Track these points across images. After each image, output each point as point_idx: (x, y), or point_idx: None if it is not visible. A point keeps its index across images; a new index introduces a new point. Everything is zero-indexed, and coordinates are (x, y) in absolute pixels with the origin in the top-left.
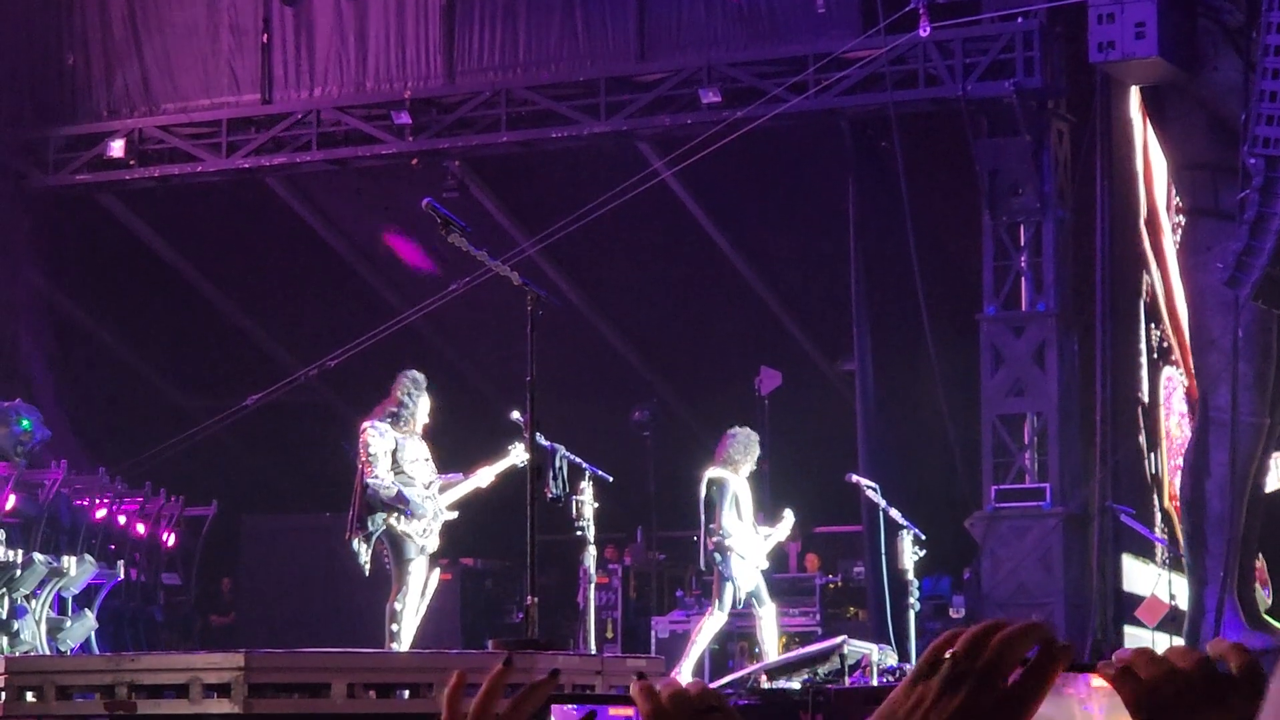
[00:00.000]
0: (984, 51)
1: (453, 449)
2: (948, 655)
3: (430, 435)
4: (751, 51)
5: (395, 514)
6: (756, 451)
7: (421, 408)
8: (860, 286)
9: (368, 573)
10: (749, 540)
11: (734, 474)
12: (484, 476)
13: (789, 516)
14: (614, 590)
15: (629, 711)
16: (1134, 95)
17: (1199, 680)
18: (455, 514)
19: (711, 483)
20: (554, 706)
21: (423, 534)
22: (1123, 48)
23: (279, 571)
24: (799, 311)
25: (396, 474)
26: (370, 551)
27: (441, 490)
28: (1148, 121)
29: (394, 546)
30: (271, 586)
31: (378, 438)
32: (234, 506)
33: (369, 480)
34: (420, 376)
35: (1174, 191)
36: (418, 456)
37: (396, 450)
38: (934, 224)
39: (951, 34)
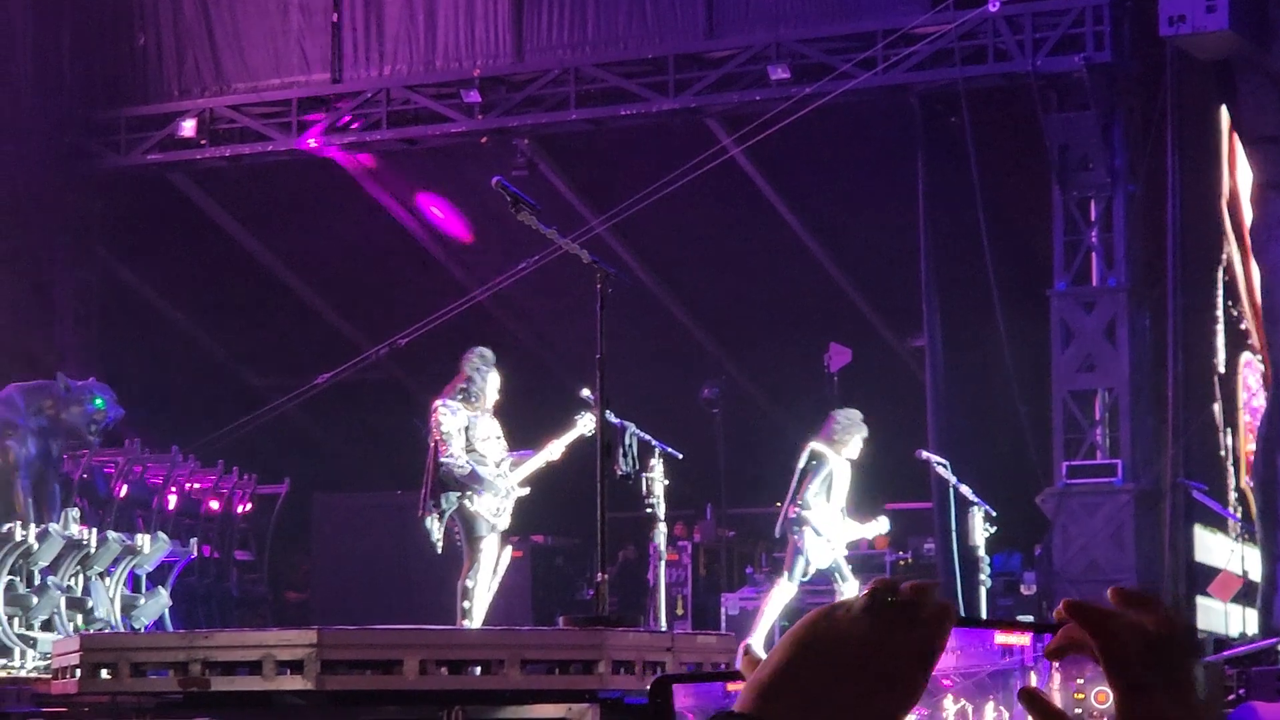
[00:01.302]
0: (1053, 26)
1: (523, 426)
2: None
3: (500, 413)
4: (820, 28)
5: (468, 492)
6: (859, 434)
7: (491, 384)
8: (930, 262)
9: (440, 550)
10: (830, 520)
11: (836, 453)
12: (554, 450)
13: (883, 522)
14: (684, 567)
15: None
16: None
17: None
18: (527, 490)
19: (812, 455)
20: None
21: (495, 512)
22: (1193, 21)
23: (351, 549)
24: (868, 288)
25: (469, 452)
26: (442, 529)
27: (513, 467)
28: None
29: (466, 524)
30: (343, 564)
31: (449, 416)
32: (306, 484)
33: (442, 459)
34: (488, 353)
35: None
36: (489, 434)
37: (469, 428)
38: (1004, 199)
39: (1021, 8)
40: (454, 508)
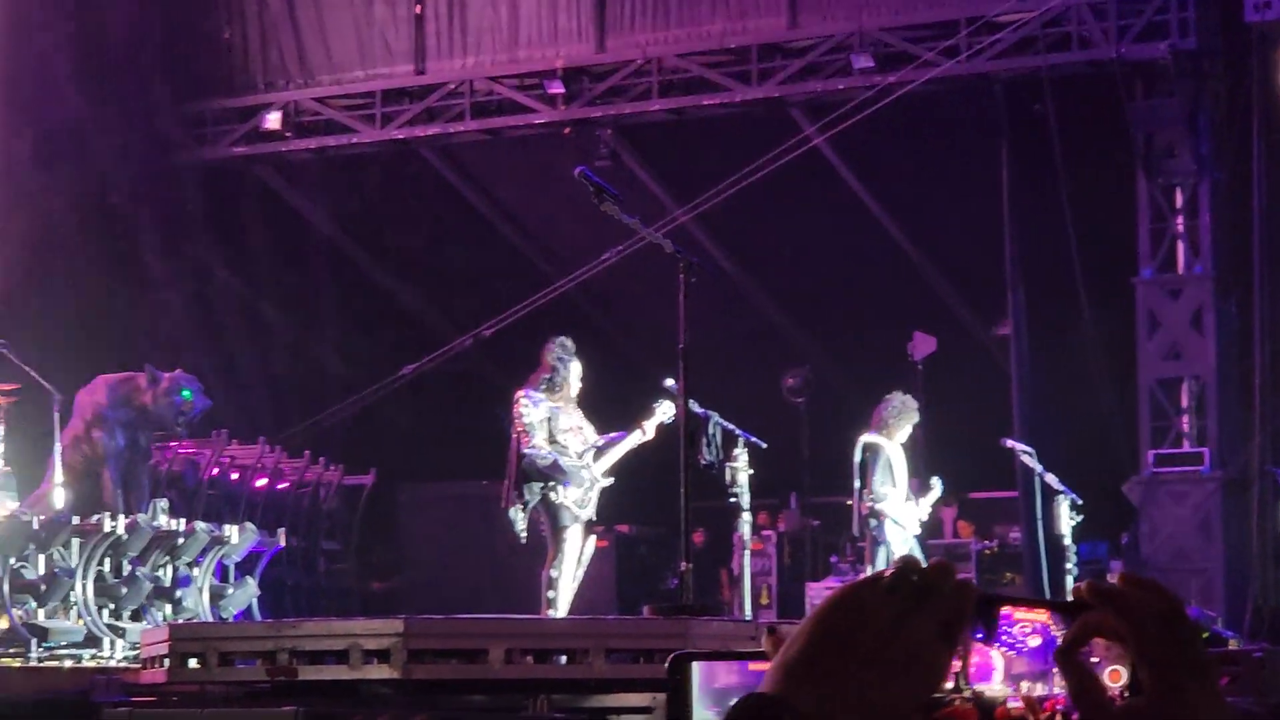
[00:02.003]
0: (1138, 13)
1: (607, 417)
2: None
3: (583, 403)
4: (903, 16)
5: (551, 483)
6: (913, 417)
7: (573, 373)
8: (1015, 251)
9: (524, 541)
10: (902, 506)
11: (889, 439)
12: (646, 428)
13: (937, 484)
14: (768, 556)
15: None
16: None
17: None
18: (611, 480)
19: (866, 447)
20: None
21: (580, 503)
22: (1279, 7)
23: (436, 539)
24: (953, 276)
25: (551, 443)
26: (527, 520)
27: (604, 449)
28: None
29: (550, 515)
30: (429, 554)
31: (532, 407)
32: (392, 475)
33: (525, 450)
34: (569, 343)
35: None
36: (571, 425)
37: (551, 419)
38: (1088, 187)
39: None
40: (538, 498)
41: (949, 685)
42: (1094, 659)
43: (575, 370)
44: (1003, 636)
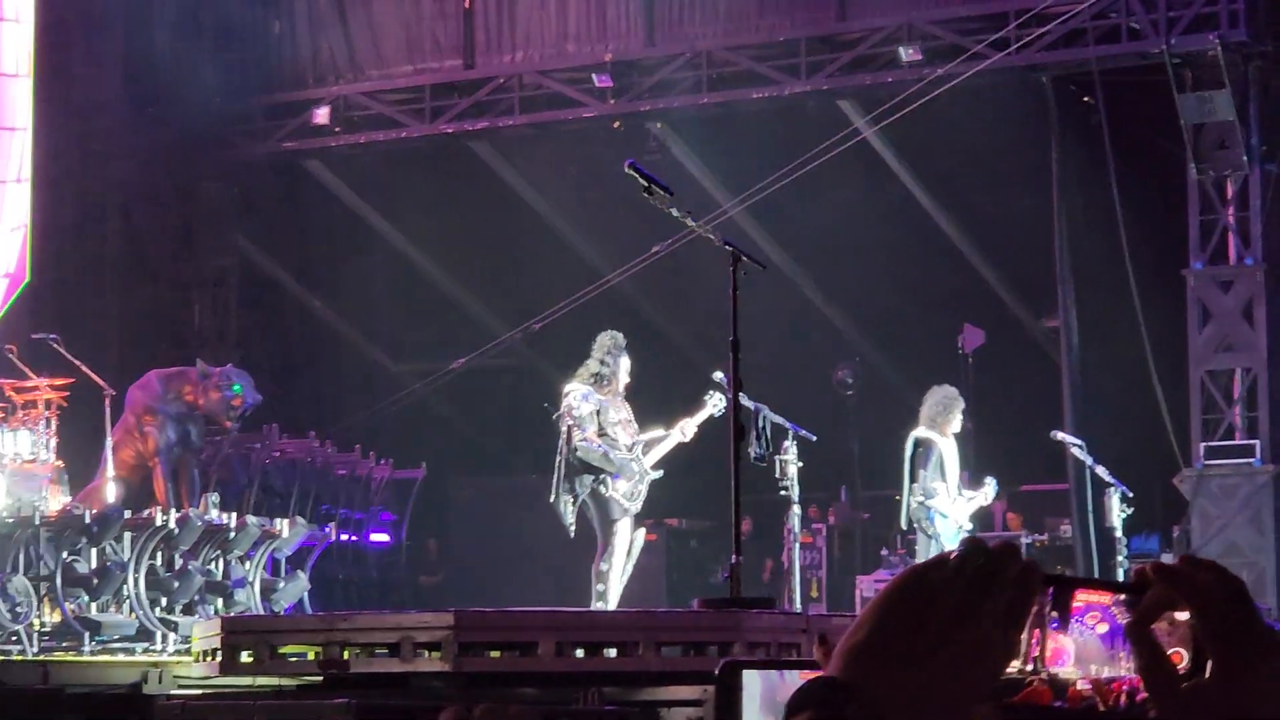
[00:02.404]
0: (1187, 4)
1: (655, 409)
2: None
3: (632, 396)
4: (952, 8)
5: (601, 476)
6: (959, 410)
7: (622, 368)
8: (1064, 243)
9: (573, 534)
10: (951, 500)
11: (940, 435)
12: (686, 429)
13: (991, 484)
14: (818, 549)
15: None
16: None
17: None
18: (660, 474)
19: (918, 443)
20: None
21: (629, 496)
22: None
23: (486, 532)
24: (1002, 268)
25: (600, 436)
26: (575, 513)
27: (645, 448)
28: None
29: (599, 508)
30: (478, 547)
31: (582, 401)
32: (442, 469)
33: (575, 443)
34: (619, 337)
35: None
36: (620, 419)
37: (600, 413)
38: (1138, 178)
39: None
40: (587, 491)
41: (1028, 668)
42: None
43: (625, 365)
44: (1074, 623)
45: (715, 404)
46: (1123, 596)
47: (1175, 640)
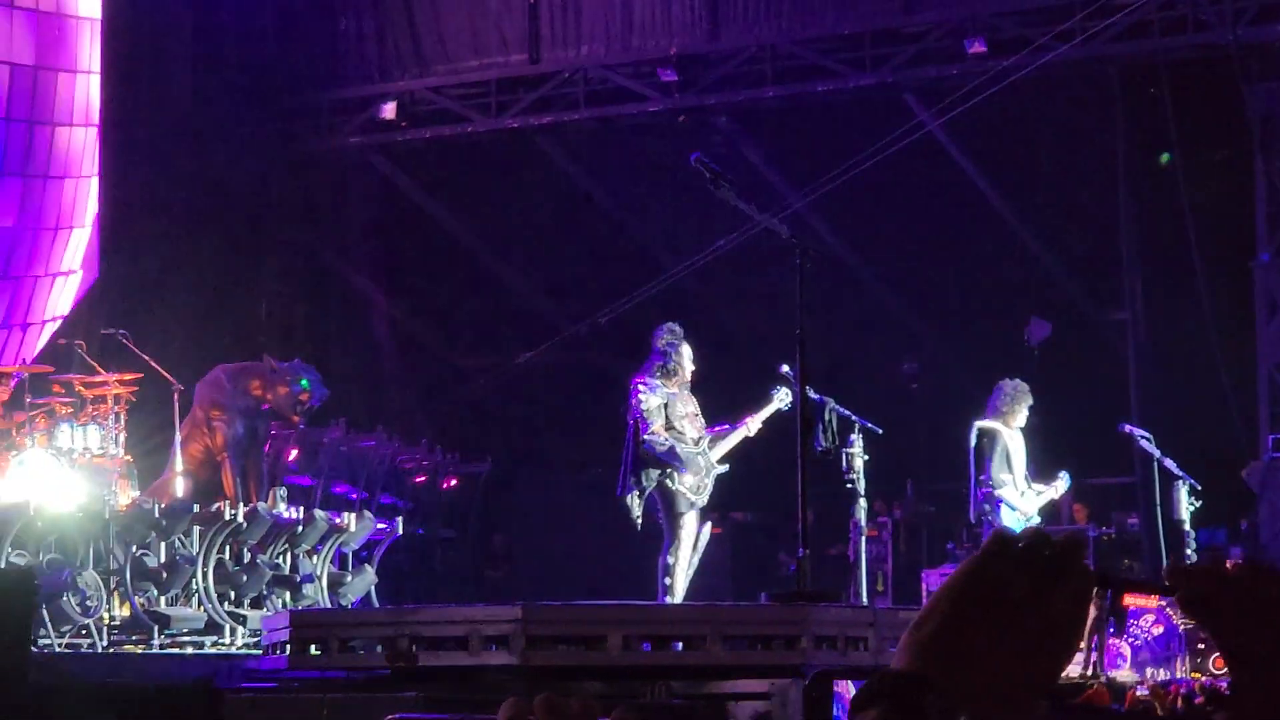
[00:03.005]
0: None
1: (722, 403)
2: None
3: (698, 389)
4: (1017, 1)
5: (668, 470)
6: (1027, 403)
7: (685, 357)
8: (1131, 234)
9: (639, 528)
10: (1020, 493)
11: (1005, 426)
12: (751, 425)
13: (1064, 478)
14: (884, 543)
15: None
16: None
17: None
18: (727, 467)
19: (982, 434)
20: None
21: (696, 489)
22: None
23: (551, 526)
24: (1068, 261)
25: (668, 430)
26: (642, 506)
27: (711, 443)
28: None
29: (667, 502)
30: (545, 541)
31: (649, 394)
32: (508, 462)
33: (642, 436)
34: (677, 327)
35: None
36: (687, 412)
37: (668, 406)
38: (1205, 170)
39: None
40: (654, 485)
41: (1087, 672)
42: (1199, 645)
43: (687, 353)
44: (1131, 628)
45: (781, 398)
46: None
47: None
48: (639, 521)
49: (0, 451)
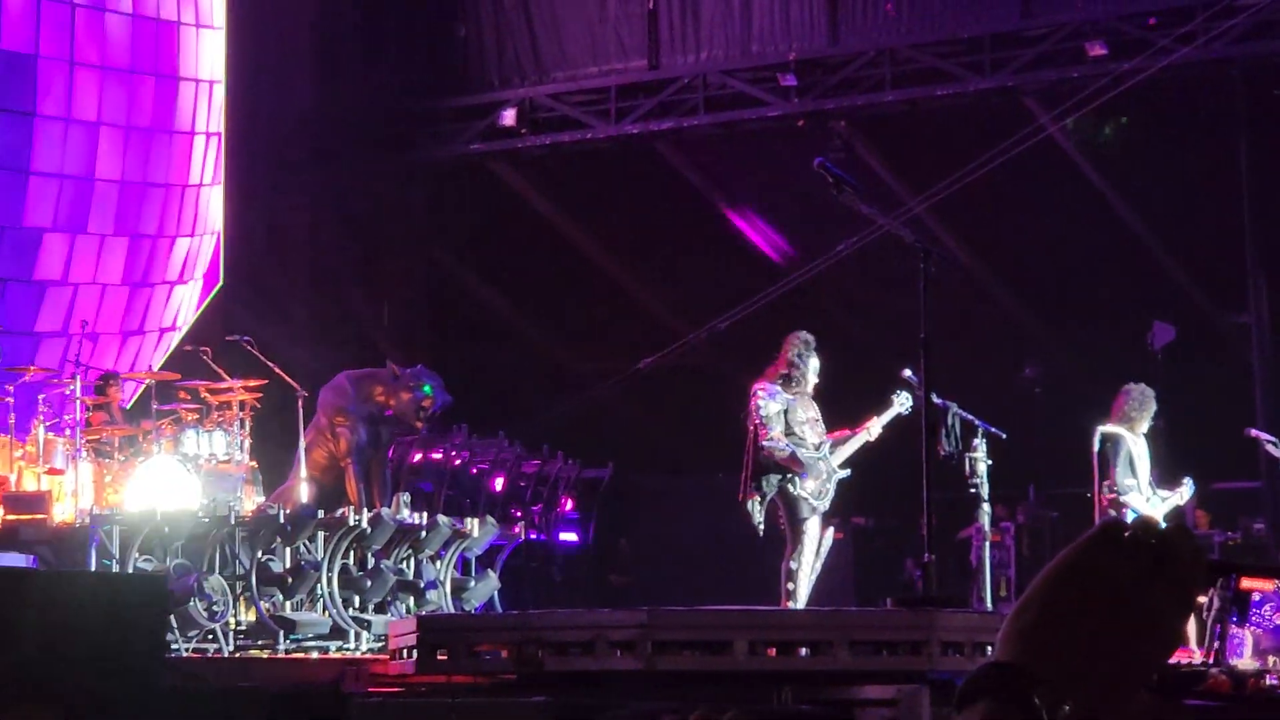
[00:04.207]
0: None
1: (842, 407)
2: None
3: (820, 394)
4: (1138, 3)
5: (789, 475)
6: (1152, 408)
7: (811, 368)
8: (1255, 238)
9: (761, 533)
10: (1145, 499)
11: (1130, 431)
12: (872, 429)
13: (1188, 484)
14: (1007, 548)
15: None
16: None
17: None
18: (848, 472)
19: (1106, 438)
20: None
21: (817, 495)
22: None
23: (672, 531)
24: (1191, 264)
25: (788, 435)
26: (764, 512)
27: (832, 448)
28: None
29: (788, 507)
30: (666, 546)
31: (769, 400)
32: (628, 468)
33: (762, 442)
34: (810, 337)
35: None
36: (808, 417)
37: (788, 412)
38: None
39: None
40: (775, 490)
41: (1209, 660)
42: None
43: (814, 365)
44: (1253, 616)
45: (903, 402)
46: None
47: None
48: (761, 526)
49: (128, 458)
